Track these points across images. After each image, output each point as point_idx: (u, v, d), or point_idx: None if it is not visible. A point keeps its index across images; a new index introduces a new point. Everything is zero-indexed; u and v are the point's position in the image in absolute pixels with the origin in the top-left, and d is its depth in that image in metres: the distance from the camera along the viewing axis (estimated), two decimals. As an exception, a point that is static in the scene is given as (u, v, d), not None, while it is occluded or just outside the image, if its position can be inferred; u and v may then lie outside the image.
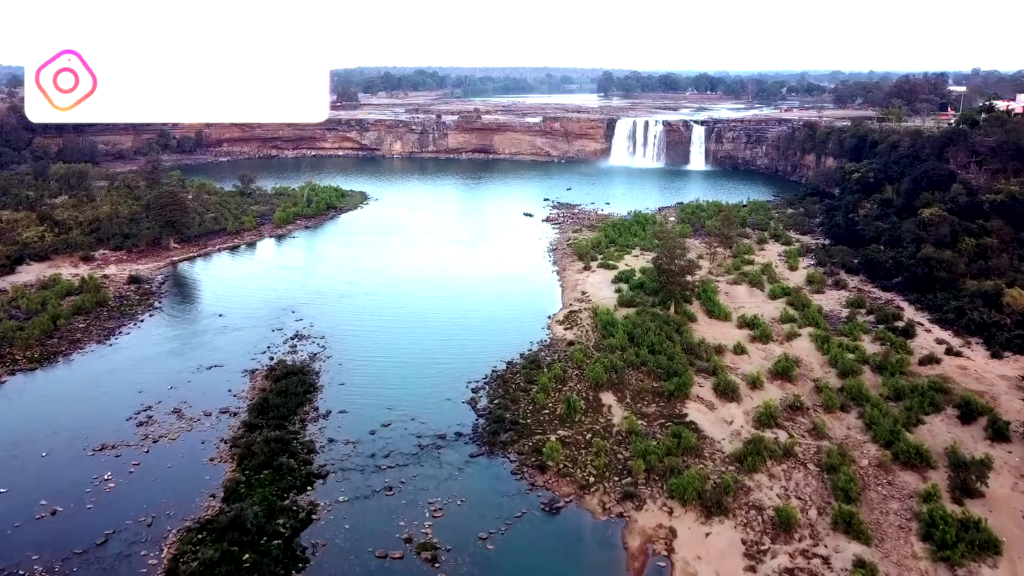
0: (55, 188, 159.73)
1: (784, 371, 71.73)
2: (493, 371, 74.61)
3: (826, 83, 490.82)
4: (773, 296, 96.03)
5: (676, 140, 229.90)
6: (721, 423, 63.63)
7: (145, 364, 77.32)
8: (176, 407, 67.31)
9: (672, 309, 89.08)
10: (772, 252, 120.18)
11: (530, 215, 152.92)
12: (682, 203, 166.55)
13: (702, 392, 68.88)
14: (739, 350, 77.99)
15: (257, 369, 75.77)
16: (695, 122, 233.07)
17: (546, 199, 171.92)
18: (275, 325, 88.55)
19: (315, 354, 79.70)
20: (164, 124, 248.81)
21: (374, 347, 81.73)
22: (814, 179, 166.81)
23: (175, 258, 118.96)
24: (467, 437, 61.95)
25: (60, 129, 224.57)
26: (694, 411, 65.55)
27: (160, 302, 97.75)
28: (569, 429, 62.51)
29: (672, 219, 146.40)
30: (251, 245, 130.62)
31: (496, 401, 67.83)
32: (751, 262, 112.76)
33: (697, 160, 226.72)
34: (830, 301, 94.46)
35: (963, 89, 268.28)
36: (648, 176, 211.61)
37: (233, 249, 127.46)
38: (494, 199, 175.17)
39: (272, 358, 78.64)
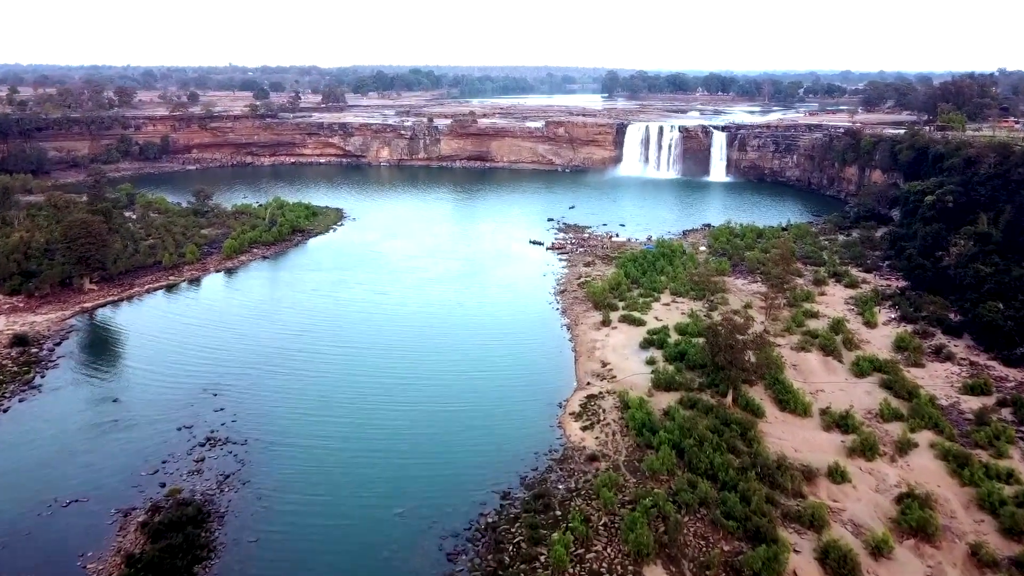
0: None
1: (920, 525, 47.55)
2: (481, 515, 50.47)
3: (838, 83, 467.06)
4: (859, 371, 71.83)
5: (694, 148, 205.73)
6: (846, 640, 39.51)
7: (-22, 494, 53.19)
8: (-15, 594, 43.26)
9: (730, 398, 65.03)
10: (836, 297, 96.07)
11: (539, 243, 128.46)
12: (710, 226, 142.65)
13: (802, 567, 44.70)
14: (837, 475, 53.80)
15: (135, 509, 51.50)
16: (715, 127, 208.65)
17: (550, 219, 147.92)
18: (185, 418, 64.43)
19: (227, 476, 55.54)
20: (126, 128, 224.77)
21: (312, 464, 57.43)
22: (866, 198, 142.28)
23: (87, 304, 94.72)
24: (435, 673, 37.84)
25: (4, 134, 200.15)
26: (797, 610, 41.44)
27: (44, 376, 73.53)
28: (602, 655, 38.38)
29: (703, 248, 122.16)
30: (194, 281, 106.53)
31: (484, 584, 43.71)
32: (814, 313, 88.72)
33: (718, 170, 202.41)
34: (937, 381, 70.33)
35: (995, 90, 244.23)
36: (663, 189, 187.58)
37: (169, 288, 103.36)
38: (490, 218, 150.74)
39: (164, 484, 54.53)
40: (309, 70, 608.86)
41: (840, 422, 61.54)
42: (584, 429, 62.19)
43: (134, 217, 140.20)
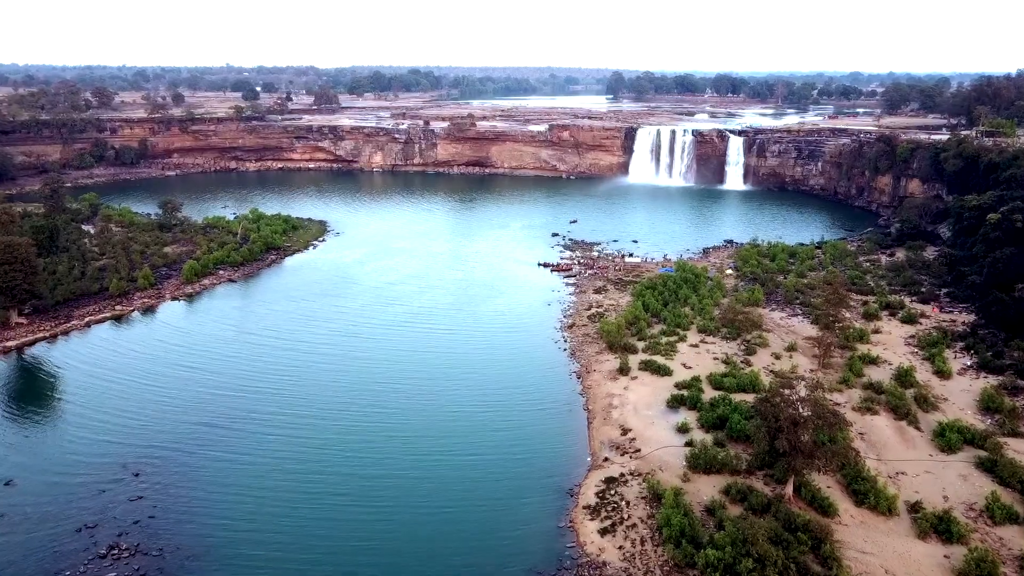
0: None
1: None
2: None
3: (848, 83, 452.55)
4: (946, 444, 57.25)
5: (708, 153, 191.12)
6: None
7: None
8: None
9: (790, 488, 50.51)
10: (894, 336, 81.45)
11: (547, 265, 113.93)
12: (732, 242, 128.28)
13: None
14: (954, 618, 39.31)
15: (-18, 674, 37.24)
16: (731, 132, 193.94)
17: (554, 234, 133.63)
18: (91, 511, 50.20)
19: (123, 613, 41.17)
20: (101, 132, 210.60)
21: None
22: (909, 213, 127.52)
23: (10, 343, 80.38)
24: None
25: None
26: None
27: (-71, 446, 59.19)
28: None
29: (729, 271, 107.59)
30: (146, 311, 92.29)
31: None
32: (873, 359, 74.14)
33: (734, 178, 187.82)
34: (1047, 459, 55.72)
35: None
36: (676, 199, 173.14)
37: (117, 320, 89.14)
38: (487, 233, 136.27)
39: (35, 626, 40.17)
40: (306, 70, 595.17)
41: (939, 526, 47.01)
42: (603, 533, 47.74)
43: (93, 232, 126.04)
